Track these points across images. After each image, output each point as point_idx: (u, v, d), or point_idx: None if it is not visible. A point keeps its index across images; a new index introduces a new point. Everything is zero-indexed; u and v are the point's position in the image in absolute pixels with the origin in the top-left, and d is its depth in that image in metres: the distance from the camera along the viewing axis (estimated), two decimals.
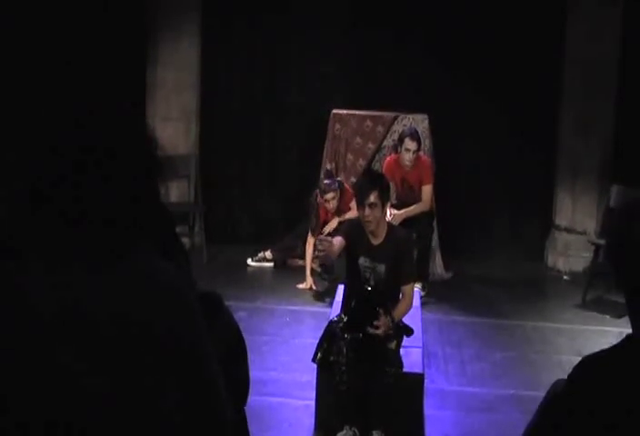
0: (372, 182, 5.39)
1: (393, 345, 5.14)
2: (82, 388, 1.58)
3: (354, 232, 5.43)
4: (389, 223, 5.49)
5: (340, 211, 8.23)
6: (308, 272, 8.38)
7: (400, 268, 5.29)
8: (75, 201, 1.62)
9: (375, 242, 5.36)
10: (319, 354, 5.15)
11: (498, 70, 9.31)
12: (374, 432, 5.04)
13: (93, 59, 8.39)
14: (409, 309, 5.34)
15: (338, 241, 5.41)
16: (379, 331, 5.01)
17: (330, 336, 5.16)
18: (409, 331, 5.29)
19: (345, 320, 5.21)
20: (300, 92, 9.73)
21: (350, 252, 5.43)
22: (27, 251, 1.62)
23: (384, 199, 5.33)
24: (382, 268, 5.27)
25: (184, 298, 1.69)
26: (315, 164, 9.14)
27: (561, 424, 1.87)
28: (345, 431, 5.10)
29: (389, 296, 5.23)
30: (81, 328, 1.59)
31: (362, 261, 5.33)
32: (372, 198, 5.25)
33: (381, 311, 5.06)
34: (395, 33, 9.39)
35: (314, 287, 8.33)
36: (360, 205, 5.34)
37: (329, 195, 8.12)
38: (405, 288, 5.31)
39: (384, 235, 5.36)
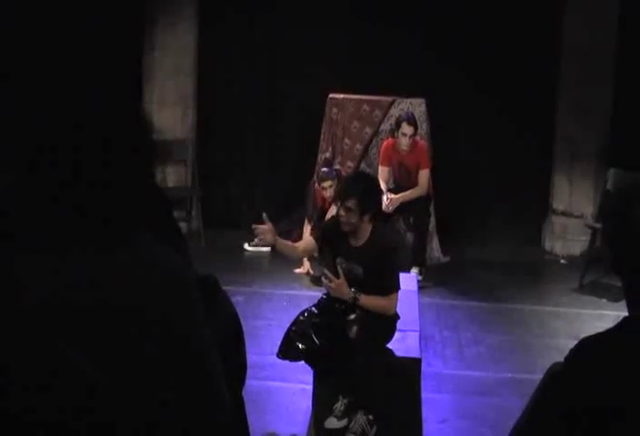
0: (356, 188, 5.13)
1: (353, 333, 4.98)
2: (78, 375, 1.58)
3: (333, 230, 5.28)
4: (374, 229, 5.19)
5: None
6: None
7: (380, 278, 5.07)
8: (73, 186, 1.61)
9: (355, 243, 5.16)
10: (280, 355, 5.10)
11: (496, 54, 9.28)
12: (358, 413, 5.04)
13: (90, 43, 8.35)
14: (382, 308, 5.06)
15: (304, 240, 5.38)
16: (330, 284, 4.97)
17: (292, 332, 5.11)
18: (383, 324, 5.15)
19: (320, 304, 5.20)
20: (297, 76, 9.70)
21: (328, 250, 5.32)
22: (25, 236, 1.62)
23: (363, 207, 5.05)
24: (359, 270, 5.09)
25: (183, 284, 1.68)
26: (312, 149, 9.13)
27: (558, 407, 1.88)
28: (339, 402, 5.11)
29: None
30: (79, 315, 1.58)
31: (338, 260, 5.16)
32: (349, 204, 5.06)
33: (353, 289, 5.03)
34: (393, 17, 9.36)
35: (311, 271, 8.35)
36: (340, 203, 5.22)
37: (326, 183, 8.14)
38: (386, 295, 5.10)
39: (364, 240, 5.14)
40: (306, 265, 8.38)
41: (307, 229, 8.31)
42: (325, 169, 8.31)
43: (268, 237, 5.16)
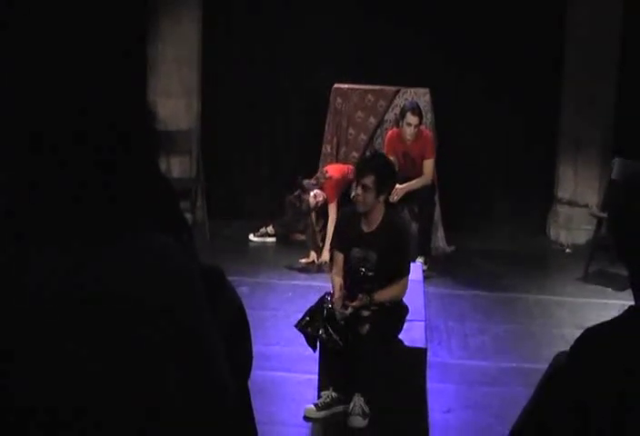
0: (373, 166, 5.27)
1: (364, 330, 5.06)
2: (82, 368, 1.58)
3: (346, 224, 5.40)
4: (387, 212, 5.35)
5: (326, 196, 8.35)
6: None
7: (393, 260, 5.18)
8: (75, 176, 1.61)
9: (368, 229, 5.26)
10: (302, 323, 5.20)
11: (500, 44, 9.27)
12: (355, 395, 5.06)
13: (94, 34, 8.34)
14: (397, 295, 5.22)
15: (336, 262, 5.44)
16: (346, 312, 5.05)
17: (316, 311, 5.20)
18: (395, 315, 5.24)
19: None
20: (301, 66, 9.69)
21: (342, 244, 5.38)
22: (27, 229, 1.62)
23: (380, 187, 5.18)
24: (374, 256, 5.17)
25: (184, 274, 1.68)
26: (317, 139, 9.13)
27: (563, 396, 1.88)
28: (329, 391, 5.18)
29: (380, 284, 5.19)
30: (78, 303, 1.59)
31: (354, 252, 5.24)
32: (367, 181, 5.16)
33: (360, 295, 5.10)
34: (398, 5, 9.34)
35: (316, 261, 8.35)
36: (356, 182, 5.30)
37: (320, 199, 8.27)
38: (398, 280, 5.22)
39: (378, 222, 5.25)
40: (312, 255, 8.38)
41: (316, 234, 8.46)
42: (307, 181, 8.41)
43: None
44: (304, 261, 8.39)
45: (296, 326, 5.23)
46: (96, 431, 1.59)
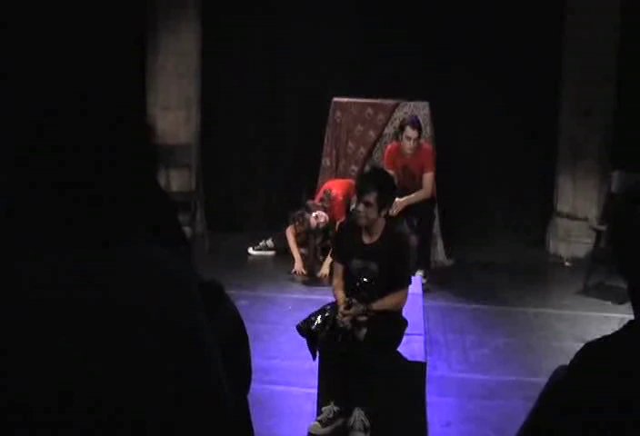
0: (375, 183, 5.28)
1: (361, 335, 5.05)
2: (80, 370, 1.58)
3: (346, 236, 5.41)
4: (388, 224, 5.38)
5: (333, 216, 8.35)
6: (297, 255, 8.49)
7: (394, 271, 5.18)
8: (75, 187, 1.62)
9: (368, 240, 5.27)
10: (304, 325, 5.18)
11: (498, 56, 9.28)
12: (355, 409, 5.05)
13: (92, 46, 8.36)
14: (396, 305, 5.21)
15: (336, 273, 5.43)
16: (343, 320, 5.03)
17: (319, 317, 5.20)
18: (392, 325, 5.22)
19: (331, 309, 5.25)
20: (301, 80, 9.72)
21: (342, 256, 5.38)
22: (26, 236, 1.62)
23: (382, 202, 5.21)
24: (374, 266, 5.17)
25: (183, 285, 1.69)
26: (316, 152, 9.14)
27: (563, 410, 1.87)
28: (330, 406, 5.16)
29: (380, 295, 5.17)
30: (78, 312, 1.59)
31: (354, 263, 5.24)
32: (369, 198, 5.17)
33: (354, 301, 5.08)
34: (396, 19, 9.37)
35: (303, 271, 8.37)
36: (358, 198, 5.32)
37: (322, 221, 8.29)
38: (398, 291, 5.21)
39: (379, 234, 5.26)
40: (298, 264, 8.41)
41: (290, 232, 8.42)
42: (314, 214, 8.42)
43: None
44: (295, 269, 8.42)
45: (298, 327, 5.20)
46: (95, 431, 1.59)
